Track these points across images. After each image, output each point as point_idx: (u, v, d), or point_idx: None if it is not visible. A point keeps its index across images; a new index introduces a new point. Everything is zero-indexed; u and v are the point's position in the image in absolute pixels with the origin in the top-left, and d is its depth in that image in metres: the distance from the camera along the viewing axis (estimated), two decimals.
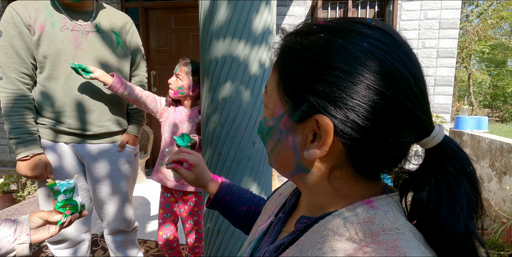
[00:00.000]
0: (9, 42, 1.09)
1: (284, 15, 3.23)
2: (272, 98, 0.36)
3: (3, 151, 3.72)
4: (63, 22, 1.14)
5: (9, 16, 1.09)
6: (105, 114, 1.24)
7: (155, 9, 3.47)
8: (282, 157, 0.37)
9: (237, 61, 0.95)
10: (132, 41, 1.32)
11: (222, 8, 0.94)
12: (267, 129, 0.38)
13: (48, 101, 1.16)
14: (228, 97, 0.96)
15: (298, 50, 0.33)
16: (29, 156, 1.11)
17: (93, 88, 1.20)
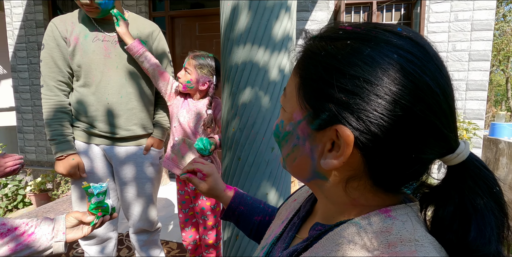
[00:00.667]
0: (49, 54, 1.21)
1: (306, 20, 3.23)
2: (291, 102, 0.36)
3: (41, 151, 3.99)
4: (95, 34, 1.23)
5: (50, 30, 1.21)
6: (131, 119, 1.31)
7: (181, 18, 3.61)
8: (298, 163, 0.37)
9: (256, 67, 0.96)
10: (158, 48, 1.38)
11: (243, 16, 0.97)
12: (284, 133, 0.37)
13: (82, 107, 1.26)
14: (247, 103, 0.97)
15: (322, 56, 0.31)
16: (64, 156, 1.22)
17: (121, 94, 1.27)
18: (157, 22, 3.79)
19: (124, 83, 1.27)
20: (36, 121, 3.95)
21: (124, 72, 1.27)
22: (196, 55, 1.37)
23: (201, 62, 1.35)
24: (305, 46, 0.35)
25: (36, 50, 3.83)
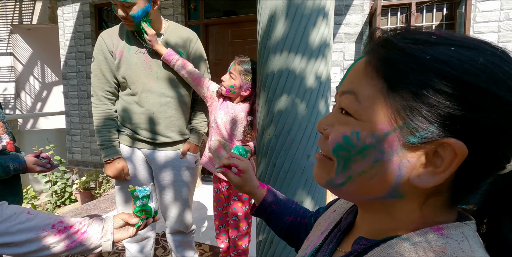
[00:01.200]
0: (98, 66, 1.32)
1: (340, 24, 3.17)
2: (371, 110, 0.31)
3: (86, 152, 4.30)
4: (137, 47, 1.31)
5: (98, 44, 1.32)
6: (170, 126, 1.38)
7: (214, 25, 3.73)
8: (375, 181, 0.32)
9: (293, 75, 0.97)
10: (196, 55, 1.43)
11: (280, 24, 0.98)
12: (362, 146, 0.31)
13: (127, 114, 1.35)
14: (283, 110, 0.98)
15: (429, 61, 0.28)
16: (110, 160, 1.33)
17: (160, 104, 1.34)
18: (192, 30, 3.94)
19: (163, 93, 1.34)
20: (82, 124, 4.28)
21: (163, 82, 1.34)
22: (242, 61, 1.39)
23: (246, 68, 1.37)
24: (397, 47, 0.30)
25: (84, 59, 4.16)
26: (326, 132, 0.36)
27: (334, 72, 3.18)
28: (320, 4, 0.98)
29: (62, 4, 4.18)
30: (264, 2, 1.02)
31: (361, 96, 0.32)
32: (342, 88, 0.34)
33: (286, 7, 0.97)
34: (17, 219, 0.64)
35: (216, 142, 1.44)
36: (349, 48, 3.15)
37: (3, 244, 0.62)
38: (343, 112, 0.34)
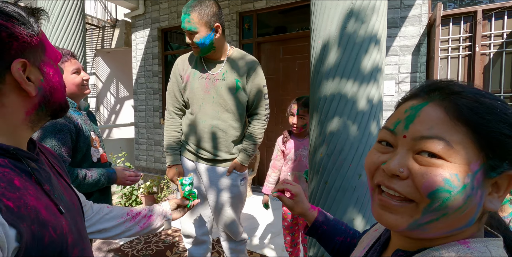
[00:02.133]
0: (171, 86, 1.55)
1: (395, 37, 3.10)
2: (464, 153, 0.34)
3: (150, 160, 4.79)
4: (201, 73, 1.48)
5: (174, 67, 1.55)
6: (218, 146, 1.51)
7: (266, 43, 3.92)
8: (465, 214, 0.35)
9: (345, 98, 1.03)
10: (254, 84, 1.50)
11: (332, 51, 1.06)
12: (461, 186, 0.34)
13: (187, 130, 1.55)
14: (335, 131, 1.04)
15: (501, 113, 0.35)
16: (171, 166, 1.54)
17: (212, 125, 1.49)
18: (245, 48, 4.18)
19: (216, 116, 1.47)
20: (148, 135, 4.79)
21: (217, 106, 1.47)
22: (306, 102, 1.67)
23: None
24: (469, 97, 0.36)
25: (151, 77, 4.70)
26: (404, 174, 0.37)
27: (388, 85, 3.10)
28: (372, 32, 1.04)
29: (135, 30, 4.82)
30: (318, 31, 1.12)
31: (452, 142, 0.35)
32: (421, 133, 0.36)
33: (338, 37, 1.05)
34: (103, 212, 0.83)
35: (292, 176, 1.76)
36: (405, 61, 3.06)
37: (96, 231, 0.81)
38: (427, 156, 0.36)
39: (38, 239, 0.43)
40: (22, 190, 0.45)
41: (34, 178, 0.49)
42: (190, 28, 1.30)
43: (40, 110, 0.52)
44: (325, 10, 1.09)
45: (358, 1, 1.04)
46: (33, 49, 0.49)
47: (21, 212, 0.42)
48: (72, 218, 0.55)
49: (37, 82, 0.50)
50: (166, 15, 4.46)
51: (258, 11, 3.84)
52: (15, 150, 0.48)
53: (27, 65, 0.48)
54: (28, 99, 0.50)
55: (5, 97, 0.47)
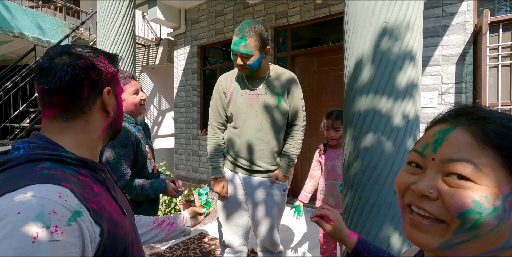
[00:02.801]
0: (215, 102, 1.66)
1: (436, 46, 2.98)
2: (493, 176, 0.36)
3: (189, 169, 5.01)
4: (244, 89, 1.58)
5: (217, 84, 1.67)
6: (261, 158, 1.58)
7: (301, 56, 3.99)
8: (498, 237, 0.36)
9: (379, 114, 1.04)
10: (293, 98, 1.59)
11: (366, 69, 1.09)
12: (492, 209, 0.35)
13: (231, 143, 1.64)
14: (369, 146, 1.05)
15: None
16: (216, 178, 1.62)
17: (255, 138, 1.57)
18: (280, 62, 4.26)
19: (259, 128, 1.56)
20: (187, 145, 5.04)
21: (261, 119, 1.56)
22: (337, 114, 1.81)
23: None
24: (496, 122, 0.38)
25: (190, 91, 4.98)
26: (433, 195, 0.38)
27: (430, 97, 2.96)
28: (407, 49, 1.05)
29: (177, 47, 5.19)
30: (351, 49, 1.15)
31: (480, 165, 0.36)
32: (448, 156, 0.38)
33: (372, 54, 1.08)
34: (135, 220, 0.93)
35: (328, 185, 1.87)
36: (448, 71, 2.92)
37: None
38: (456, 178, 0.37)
39: (112, 236, 0.53)
40: (100, 196, 0.55)
41: (105, 185, 0.60)
42: (245, 51, 1.40)
43: (110, 130, 0.65)
44: (357, 29, 1.13)
45: (391, 20, 1.07)
46: (114, 81, 0.64)
47: (101, 213, 0.52)
48: (130, 220, 0.65)
49: (112, 106, 0.63)
50: (205, 33, 4.75)
51: (292, 25, 3.94)
52: (92, 162, 0.58)
53: (110, 92, 0.61)
54: (106, 119, 0.62)
55: (91, 116, 0.60)
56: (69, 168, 0.53)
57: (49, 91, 0.55)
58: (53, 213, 0.44)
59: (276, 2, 3.98)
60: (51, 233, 0.43)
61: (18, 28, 4.61)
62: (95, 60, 0.59)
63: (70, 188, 0.48)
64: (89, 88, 0.58)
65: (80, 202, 0.48)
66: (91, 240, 0.48)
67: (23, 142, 0.55)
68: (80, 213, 0.47)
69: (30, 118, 4.42)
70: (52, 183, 0.47)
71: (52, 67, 0.55)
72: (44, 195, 0.45)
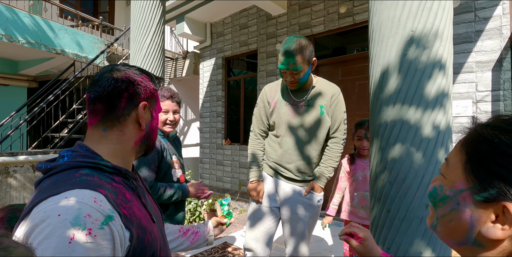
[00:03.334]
0: (258, 110, 1.71)
1: (469, 52, 2.85)
2: (454, 172, 0.42)
3: (213, 178, 5.07)
4: (287, 99, 1.61)
5: (262, 94, 1.72)
6: (299, 167, 1.59)
7: (324, 65, 3.97)
8: (453, 225, 0.42)
9: (407, 125, 1.01)
10: (336, 110, 1.59)
11: (392, 78, 1.07)
12: (442, 196, 0.43)
13: (271, 149, 1.67)
14: (397, 158, 1.02)
15: (496, 143, 0.38)
16: (254, 181, 1.65)
17: (295, 148, 1.59)
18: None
19: (299, 139, 1.58)
20: (211, 154, 5.13)
21: (302, 130, 1.58)
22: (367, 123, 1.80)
23: None
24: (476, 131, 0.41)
25: (215, 101, 5.11)
26: None
27: (464, 105, 2.82)
28: (435, 57, 1.03)
29: (203, 60, 5.37)
30: (376, 59, 1.14)
31: (450, 163, 0.44)
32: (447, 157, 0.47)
33: (398, 64, 1.06)
34: None
35: (358, 196, 1.84)
36: (483, 78, 2.77)
37: None
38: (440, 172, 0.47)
39: (141, 241, 0.56)
40: (131, 202, 0.58)
41: (137, 193, 0.64)
42: (295, 68, 1.43)
43: (143, 143, 0.68)
44: (383, 39, 1.11)
45: (418, 28, 1.05)
46: (153, 98, 0.68)
47: (132, 219, 0.55)
48: (159, 227, 0.68)
49: (147, 121, 0.67)
50: (229, 45, 4.89)
51: (316, 35, 3.96)
52: (125, 171, 0.63)
53: (146, 107, 0.66)
54: (138, 132, 0.66)
55: (126, 127, 0.64)
56: (105, 175, 0.58)
57: (94, 99, 0.62)
58: (88, 216, 0.47)
59: (299, 13, 4.03)
60: (85, 235, 0.46)
61: (60, 46, 5.02)
62: (137, 76, 0.65)
63: (104, 194, 0.52)
64: (127, 100, 0.63)
65: (112, 207, 0.52)
66: (121, 244, 0.51)
67: (67, 151, 0.60)
68: (112, 218, 0.50)
69: (68, 129, 4.74)
70: (89, 188, 0.51)
71: (100, 79, 0.63)
72: (81, 199, 0.49)
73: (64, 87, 4.49)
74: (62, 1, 7.16)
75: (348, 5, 3.55)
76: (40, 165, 0.57)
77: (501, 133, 0.38)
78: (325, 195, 1.89)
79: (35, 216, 0.47)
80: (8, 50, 5.18)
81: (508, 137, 0.38)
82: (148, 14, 2.48)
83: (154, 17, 2.51)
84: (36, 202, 0.49)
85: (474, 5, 2.78)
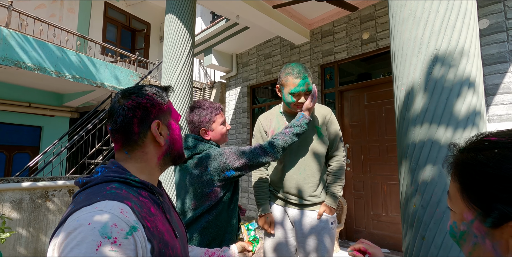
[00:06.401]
0: (257, 141, 1.73)
1: (505, 72, 2.72)
2: (457, 204, 0.40)
3: None
4: (284, 125, 1.63)
5: (257, 124, 1.76)
6: (307, 191, 1.57)
7: (349, 91, 3.95)
8: None
9: (437, 145, 0.96)
10: (331, 129, 1.64)
11: (418, 98, 1.04)
12: (459, 233, 0.40)
13: (275, 178, 1.66)
14: (429, 180, 0.95)
15: (474, 166, 0.37)
16: (263, 215, 1.61)
17: (300, 172, 1.57)
18: (328, 97, 4.26)
19: (302, 162, 1.58)
20: None
21: (303, 153, 1.58)
22: None
23: None
24: (456, 157, 0.41)
25: (240, 128, 5.20)
26: None
27: (504, 128, 2.62)
28: (463, 75, 0.99)
29: (229, 89, 5.60)
30: (400, 79, 1.13)
31: (451, 195, 0.42)
32: None
33: (424, 82, 1.04)
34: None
35: None
36: None
37: None
38: None
39: (162, 255, 0.57)
40: (155, 216, 0.60)
41: (162, 208, 0.65)
42: (309, 88, 1.51)
43: (166, 157, 0.71)
44: (406, 58, 1.11)
45: (442, 47, 1.03)
46: (164, 112, 0.71)
47: (154, 232, 0.57)
48: (182, 244, 0.68)
49: (165, 136, 0.70)
50: (254, 74, 5.09)
51: (339, 62, 4.01)
52: (152, 186, 0.66)
53: (160, 124, 0.69)
54: (159, 148, 0.69)
55: (146, 147, 0.68)
56: (132, 189, 0.61)
57: (112, 131, 0.67)
58: (114, 226, 0.50)
59: (322, 41, 4.15)
60: (111, 243, 0.49)
61: (100, 79, 5.51)
62: (141, 99, 0.67)
63: (130, 206, 0.55)
64: (138, 124, 0.66)
65: (137, 218, 0.54)
66: (143, 255, 0.52)
67: (101, 167, 0.65)
68: (136, 228, 0.52)
69: (103, 156, 5.00)
70: (117, 200, 0.55)
71: (112, 110, 0.67)
72: (109, 210, 0.52)
73: (101, 117, 4.83)
74: (105, 40, 8.00)
75: (371, 32, 3.61)
76: (77, 180, 0.63)
77: (477, 154, 0.38)
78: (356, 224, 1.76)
79: (69, 225, 0.51)
80: (56, 85, 5.76)
81: (483, 156, 0.37)
82: (179, 47, 2.69)
83: (184, 50, 2.71)
84: (71, 212, 0.53)
85: (506, 25, 2.71)
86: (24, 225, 2.93)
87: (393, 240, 3.26)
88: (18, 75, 5.07)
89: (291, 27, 4.02)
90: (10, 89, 5.88)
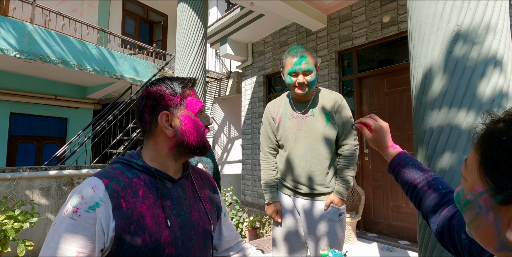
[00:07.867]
0: (265, 129, 1.69)
1: None
2: (471, 174, 0.39)
3: (254, 195, 5.02)
4: (291, 112, 1.59)
5: (266, 112, 1.71)
6: (314, 180, 1.52)
7: (368, 77, 3.79)
8: (481, 230, 0.38)
9: (457, 130, 0.88)
10: (342, 116, 1.56)
11: (436, 79, 0.95)
12: (464, 201, 0.40)
13: (282, 166, 1.62)
14: (447, 168, 0.88)
15: (504, 141, 0.34)
16: (270, 203, 1.59)
17: (306, 159, 1.52)
18: (345, 84, 4.11)
19: (309, 150, 1.53)
20: (253, 171, 5.12)
21: (310, 141, 1.53)
22: None
23: None
24: (487, 128, 0.38)
25: (256, 118, 5.17)
26: None
27: None
28: (489, 53, 0.90)
29: (245, 78, 5.55)
30: (417, 60, 1.04)
31: (468, 164, 0.41)
32: None
33: (443, 62, 0.95)
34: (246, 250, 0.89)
35: None
36: None
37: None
38: None
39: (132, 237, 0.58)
40: (140, 199, 0.61)
41: (160, 193, 0.65)
42: (308, 68, 1.46)
43: (179, 148, 0.70)
44: (424, 37, 1.02)
45: (465, 22, 0.94)
46: (176, 105, 0.69)
47: (126, 213, 0.58)
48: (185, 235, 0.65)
49: (175, 128, 0.69)
50: (270, 63, 4.99)
51: (357, 47, 3.84)
52: (155, 170, 0.67)
53: (169, 116, 0.68)
54: (170, 139, 0.69)
55: (157, 137, 0.69)
56: (132, 171, 0.65)
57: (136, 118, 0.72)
58: (81, 198, 0.57)
59: (339, 26, 3.98)
60: (73, 212, 0.56)
61: (120, 71, 5.64)
62: (153, 89, 0.69)
63: (106, 183, 0.59)
64: (149, 114, 0.68)
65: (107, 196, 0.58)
66: (104, 231, 0.56)
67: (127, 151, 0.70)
68: (98, 205, 0.57)
69: (124, 146, 5.18)
70: (98, 176, 0.60)
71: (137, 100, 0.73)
72: (86, 184, 0.59)
73: (122, 108, 4.97)
74: (124, 33, 8.14)
75: (392, 14, 3.41)
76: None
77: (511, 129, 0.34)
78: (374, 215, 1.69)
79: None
80: (79, 77, 5.97)
81: None
82: (191, 36, 2.67)
83: (196, 39, 2.69)
84: None
85: None
86: (53, 211, 3.11)
87: (413, 232, 3.15)
88: (44, 69, 5.30)
89: (307, 13, 3.88)
90: (37, 82, 6.16)
